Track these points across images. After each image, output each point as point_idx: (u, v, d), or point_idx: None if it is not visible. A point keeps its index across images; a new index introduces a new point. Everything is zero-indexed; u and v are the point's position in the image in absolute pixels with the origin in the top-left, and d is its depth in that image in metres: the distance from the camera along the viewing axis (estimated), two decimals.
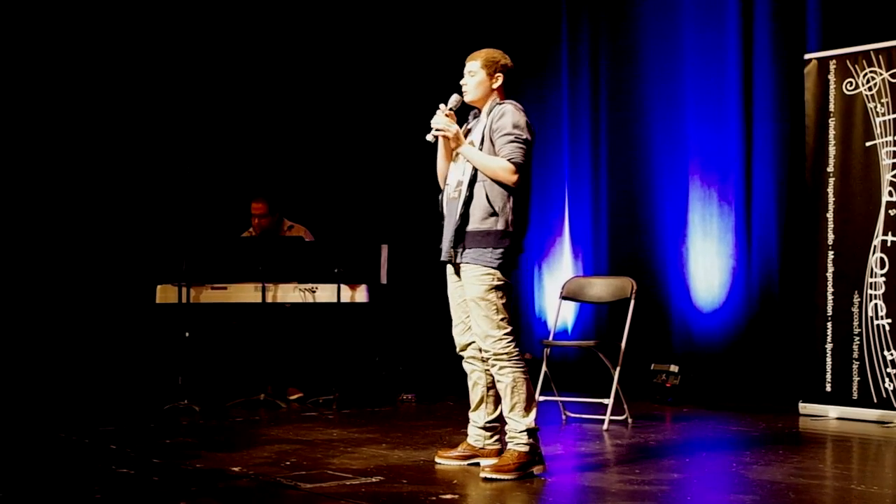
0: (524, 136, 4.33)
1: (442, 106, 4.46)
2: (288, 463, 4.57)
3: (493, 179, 4.30)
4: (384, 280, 6.95)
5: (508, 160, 4.28)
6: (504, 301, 4.33)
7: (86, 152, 8.00)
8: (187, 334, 6.66)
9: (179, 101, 8.36)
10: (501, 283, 4.31)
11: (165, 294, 6.85)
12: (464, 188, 4.36)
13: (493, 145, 4.34)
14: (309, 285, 6.89)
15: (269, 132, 8.76)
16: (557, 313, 6.53)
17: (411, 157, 8.81)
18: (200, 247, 6.74)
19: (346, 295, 6.91)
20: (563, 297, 6.53)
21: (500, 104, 4.42)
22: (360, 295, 6.96)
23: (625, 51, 8.44)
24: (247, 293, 6.86)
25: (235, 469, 4.43)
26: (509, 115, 4.34)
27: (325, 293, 6.91)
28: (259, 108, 8.71)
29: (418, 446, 5.07)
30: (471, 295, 4.33)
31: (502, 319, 4.30)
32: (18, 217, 7.70)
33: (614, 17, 8.51)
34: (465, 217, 4.34)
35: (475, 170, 4.34)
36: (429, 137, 4.44)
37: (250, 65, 8.67)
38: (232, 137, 8.57)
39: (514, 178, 4.29)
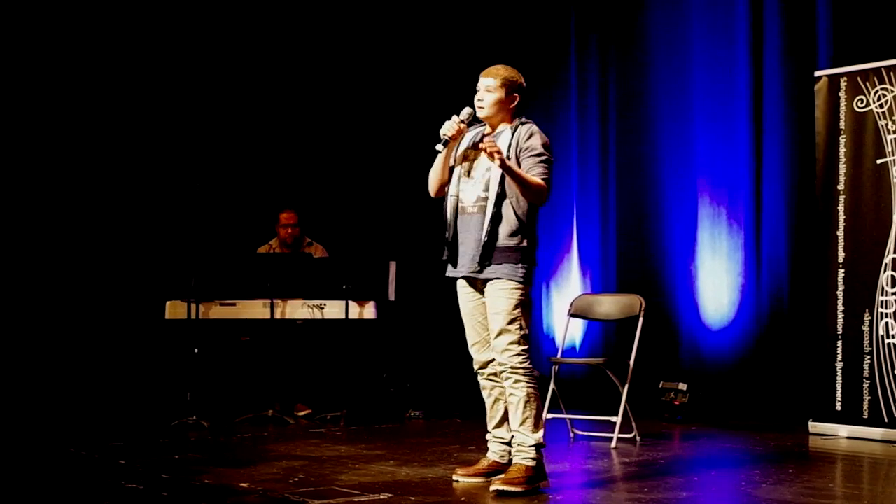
0: (551, 158, 4.43)
1: (455, 117, 4.46)
2: (296, 479, 4.57)
3: (523, 197, 4.34)
4: (392, 297, 6.94)
5: (542, 179, 4.34)
6: (526, 318, 4.39)
7: (96, 170, 8.02)
8: (196, 350, 6.67)
9: (190, 122, 8.39)
10: (527, 299, 4.39)
11: (174, 310, 6.86)
12: (489, 205, 4.38)
13: (519, 163, 4.37)
14: (317, 302, 6.90)
15: (277, 149, 8.78)
16: (566, 330, 6.52)
17: (420, 174, 8.85)
18: (209, 263, 6.75)
19: (355, 311, 6.91)
20: (572, 315, 6.52)
21: (525, 123, 4.47)
22: (369, 312, 6.97)
23: (634, 67, 8.44)
24: (255, 309, 6.87)
25: (244, 485, 4.42)
26: (538, 136, 4.42)
27: (333, 310, 6.91)
28: (266, 126, 8.74)
29: (426, 463, 5.05)
30: (498, 308, 4.35)
31: (523, 336, 4.36)
32: (29, 232, 7.72)
33: (623, 33, 8.52)
34: (492, 234, 4.36)
35: (501, 187, 4.35)
36: (439, 147, 4.45)
37: (260, 82, 8.70)
38: (240, 155, 8.59)
39: (546, 197, 4.39)
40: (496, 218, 4.37)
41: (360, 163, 9.07)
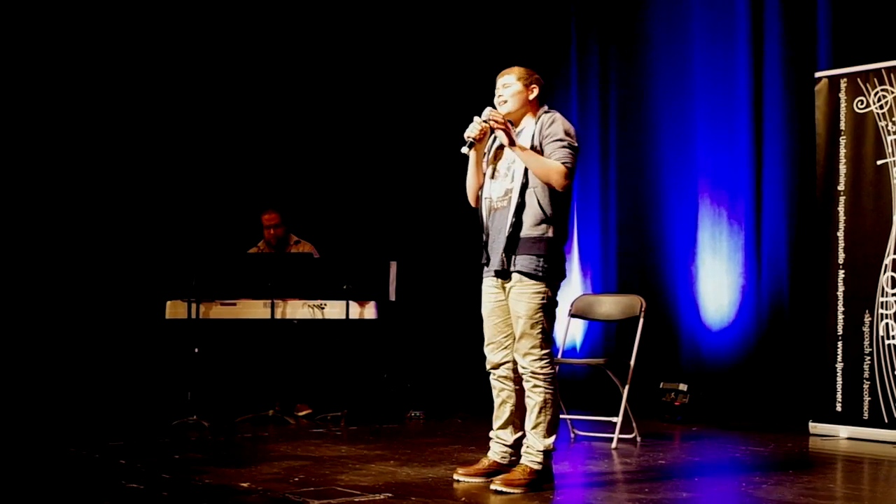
0: (575, 144, 4.42)
1: (476, 118, 4.47)
2: (296, 479, 4.57)
3: (543, 183, 4.34)
4: (393, 297, 6.95)
5: (562, 164, 4.33)
6: (549, 320, 4.38)
7: (96, 169, 8.03)
8: (196, 350, 6.67)
9: (188, 120, 8.39)
10: (550, 301, 4.37)
11: (175, 310, 6.86)
12: (514, 195, 4.38)
13: (542, 151, 4.38)
14: (318, 302, 6.90)
15: (277, 148, 8.79)
16: (566, 331, 6.51)
17: (421, 174, 8.87)
18: (210, 263, 6.76)
19: (355, 311, 6.91)
20: (572, 315, 6.52)
21: (548, 112, 4.49)
22: (369, 311, 6.97)
23: (634, 68, 8.45)
24: (255, 309, 6.88)
25: (244, 485, 4.42)
26: (559, 122, 4.43)
27: (333, 310, 6.91)
28: (267, 124, 8.74)
29: (427, 463, 5.05)
30: (519, 312, 4.35)
31: (545, 339, 4.35)
32: (30, 232, 7.72)
33: (623, 33, 8.53)
34: (516, 225, 4.36)
35: (525, 177, 4.37)
36: (464, 150, 4.46)
37: (259, 79, 8.71)
38: (240, 153, 8.60)
39: (567, 182, 4.36)
40: (520, 207, 4.36)
41: (362, 163, 9.07)
